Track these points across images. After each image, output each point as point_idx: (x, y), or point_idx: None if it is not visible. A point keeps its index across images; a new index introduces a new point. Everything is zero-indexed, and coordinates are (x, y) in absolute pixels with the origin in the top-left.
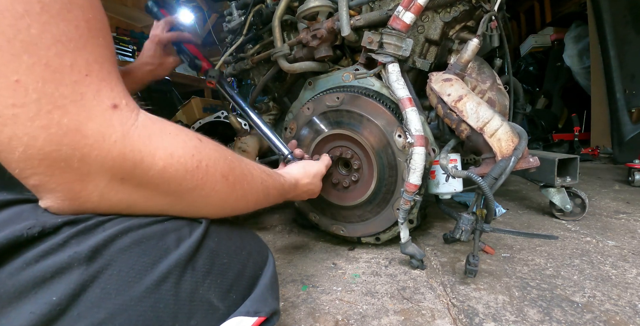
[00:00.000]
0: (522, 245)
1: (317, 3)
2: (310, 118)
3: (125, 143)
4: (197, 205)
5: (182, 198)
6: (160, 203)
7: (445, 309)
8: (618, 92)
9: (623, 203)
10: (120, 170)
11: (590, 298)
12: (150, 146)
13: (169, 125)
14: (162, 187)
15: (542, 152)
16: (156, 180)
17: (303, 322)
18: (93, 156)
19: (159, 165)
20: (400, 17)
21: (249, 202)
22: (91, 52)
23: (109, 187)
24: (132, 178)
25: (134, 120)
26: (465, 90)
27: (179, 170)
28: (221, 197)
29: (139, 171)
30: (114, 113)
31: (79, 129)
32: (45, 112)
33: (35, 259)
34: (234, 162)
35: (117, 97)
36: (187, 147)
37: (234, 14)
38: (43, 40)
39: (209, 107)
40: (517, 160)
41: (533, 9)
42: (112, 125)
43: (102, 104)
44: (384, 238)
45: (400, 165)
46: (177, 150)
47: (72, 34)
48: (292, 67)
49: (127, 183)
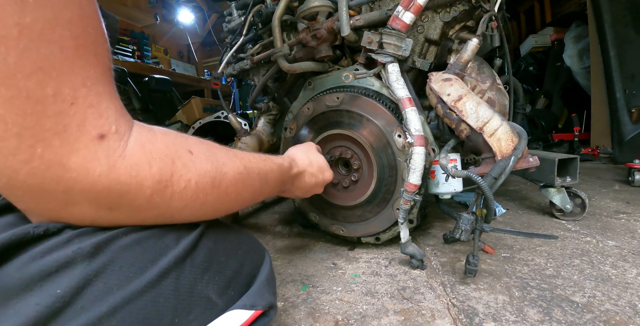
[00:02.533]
0: (522, 245)
1: (316, 3)
2: (310, 118)
3: (110, 176)
4: (190, 218)
5: (173, 217)
6: (152, 222)
7: (445, 309)
8: (618, 92)
9: (623, 203)
10: (106, 202)
11: (590, 298)
12: (137, 177)
13: (160, 145)
14: (151, 211)
15: (542, 152)
16: (144, 207)
17: (303, 322)
18: (77, 189)
19: (146, 193)
20: (400, 17)
21: (245, 199)
22: (78, 75)
23: (97, 214)
24: (119, 207)
25: (121, 149)
26: (464, 90)
27: (166, 195)
28: (213, 206)
29: (126, 201)
30: (99, 145)
31: (62, 163)
32: (26, 146)
33: (40, 254)
34: (226, 165)
35: (105, 125)
36: (175, 169)
37: (234, 14)
38: (22, 69)
39: (209, 107)
40: (517, 160)
41: (533, 9)
42: (96, 158)
43: (87, 135)
44: (384, 238)
45: (400, 165)
46: (165, 175)
47: (56, 57)
48: (292, 67)
49: (115, 211)
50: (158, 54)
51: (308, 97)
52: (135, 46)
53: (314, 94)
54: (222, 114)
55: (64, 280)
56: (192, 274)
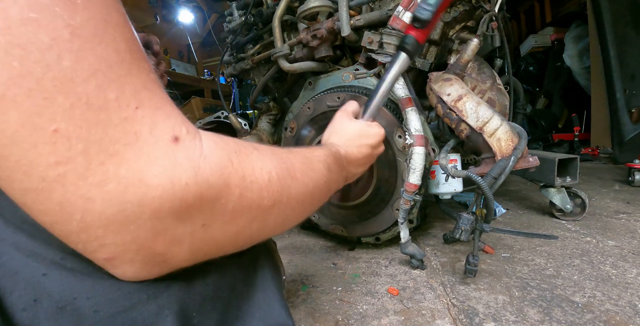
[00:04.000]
0: (522, 245)
1: (317, 3)
2: (310, 118)
3: (198, 182)
4: (280, 219)
5: (267, 218)
6: (249, 233)
7: (445, 309)
8: (618, 92)
9: (623, 203)
10: (200, 217)
11: (590, 298)
12: (223, 176)
13: (230, 141)
14: (245, 215)
15: (542, 152)
16: (237, 211)
17: (303, 322)
18: (166, 210)
19: (235, 193)
20: (400, 17)
21: (321, 189)
22: (137, 78)
23: (194, 238)
24: (214, 220)
25: (199, 149)
26: (464, 90)
27: (254, 191)
28: (298, 198)
29: (219, 209)
30: (177, 149)
31: (142, 179)
32: (97, 165)
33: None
34: (289, 157)
35: (176, 126)
36: (253, 163)
37: (235, 14)
38: (79, 72)
39: (209, 107)
40: (517, 160)
41: (533, 9)
42: (179, 164)
43: (162, 140)
44: (384, 238)
45: (400, 165)
46: (247, 170)
47: (113, 58)
48: (292, 67)
49: (211, 228)
50: None
51: (308, 97)
52: None
53: (315, 94)
54: (222, 114)
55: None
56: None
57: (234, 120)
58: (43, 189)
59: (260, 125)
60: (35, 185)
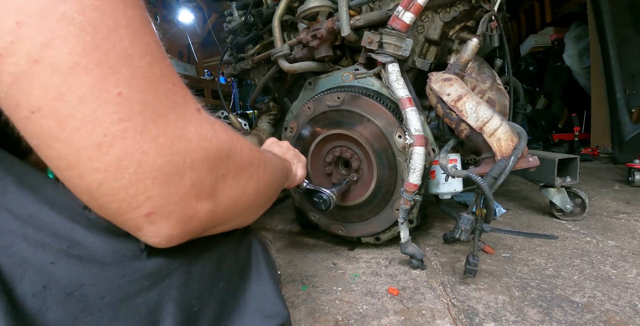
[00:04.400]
0: (522, 245)
1: (317, 3)
2: (310, 118)
3: (217, 137)
4: (264, 181)
5: (259, 176)
6: (252, 188)
7: (445, 309)
8: (618, 92)
9: (623, 203)
10: (222, 165)
11: (590, 298)
12: (228, 137)
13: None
14: (248, 169)
15: (542, 152)
16: (242, 165)
17: (303, 322)
18: (200, 158)
19: (238, 150)
20: (400, 17)
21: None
22: (168, 64)
23: (216, 187)
24: (229, 171)
25: (212, 118)
26: (464, 89)
27: (245, 152)
28: (267, 169)
29: (232, 160)
30: (200, 115)
31: (183, 135)
32: (152, 123)
33: None
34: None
35: (195, 102)
36: (237, 137)
37: (235, 14)
38: (135, 51)
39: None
40: (517, 160)
41: (533, 9)
42: (204, 125)
43: (190, 108)
44: (384, 238)
45: (400, 165)
46: (233, 139)
47: (153, 46)
48: (292, 67)
49: (227, 177)
50: None
51: (308, 97)
52: None
53: (315, 94)
54: (222, 114)
55: None
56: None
57: (234, 120)
58: (104, 144)
59: (260, 125)
60: (96, 141)
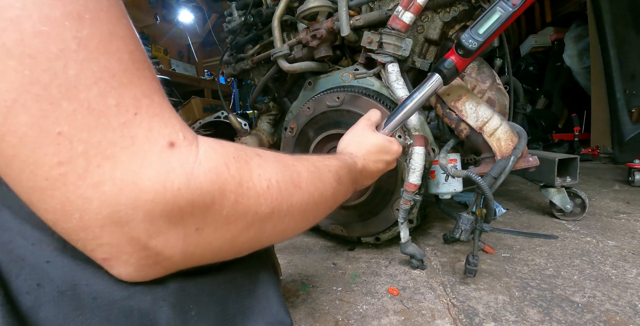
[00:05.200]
0: (522, 245)
1: (316, 3)
2: (310, 118)
3: (191, 187)
4: (280, 228)
5: (264, 227)
6: (245, 239)
7: (445, 309)
8: (618, 92)
9: (623, 203)
10: (192, 221)
11: (590, 298)
12: (218, 182)
13: (229, 147)
14: (240, 221)
15: (542, 152)
16: (232, 217)
17: (303, 322)
18: (158, 212)
19: (231, 199)
20: (400, 17)
21: (328, 200)
22: (138, 86)
23: (187, 241)
24: (208, 225)
25: (195, 155)
26: (464, 89)
27: (251, 198)
28: (301, 208)
29: (213, 214)
30: (172, 154)
31: (136, 182)
32: (95, 166)
33: None
34: (296, 165)
35: (172, 133)
36: (251, 169)
37: (234, 15)
38: (82, 80)
39: (209, 107)
40: (517, 160)
41: (533, 9)
42: (172, 169)
43: (157, 145)
44: (384, 238)
45: (400, 165)
46: (244, 176)
47: (116, 68)
48: (292, 67)
49: (204, 231)
50: (158, 54)
51: (308, 97)
52: None
53: (314, 94)
54: (222, 114)
55: None
56: None
57: (234, 120)
58: (46, 188)
59: (260, 125)
60: (39, 184)
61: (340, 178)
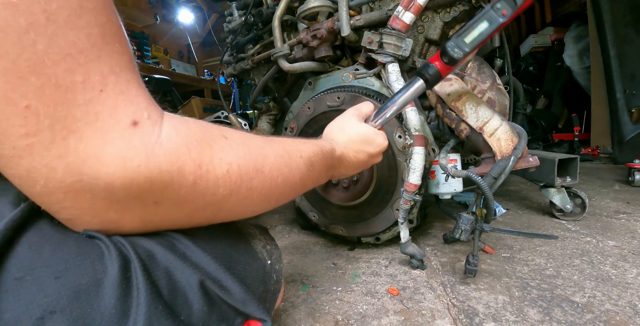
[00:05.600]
0: (522, 245)
1: (317, 3)
2: (310, 118)
3: (150, 166)
4: (238, 208)
5: (222, 206)
6: (203, 216)
7: (445, 309)
8: (618, 92)
9: (623, 203)
10: (150, 196)
11: (590, 298)
12: (177, 163)
13: (194, 129)
14: (198, 201)
15: (542, 152)
16: (190, 196)
17: (303, 322)
18: (118, 185)
19: (189, 180)
20: (400, 17)
21: (295, 185)
22: (106, 62)
23: (145, 212)
24: (165, 200)
25: (157, 135)
26: (464, 89)
27: (210, 180)
28: (261, 192)
29: (170, 192)
30: (134, 133)
31: (98, 156)
32: (60, 139)
33: None
34: (264, 149)
35: (137, 111)
36: (213, 153)
37: (235, 14)
38: (51, 56)
39: (209, 107)
40: (517, 160)
41: (533, 9)
42: (133, 146)
43: (120, 123)
44: (384, 238)
45: (400, 165)
46: (204, 159)
47: (84, 43)
48: (292, 67)
49: (162, 205)
50: (158, 54)
51: (308, 97)
52: (135, 46)
53: (315, 94)
54: (222, 114)
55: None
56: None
57: (234, 120)
58: (13, 156)
59: (260, 125)
60: (7, 152)
61: (312, 164)
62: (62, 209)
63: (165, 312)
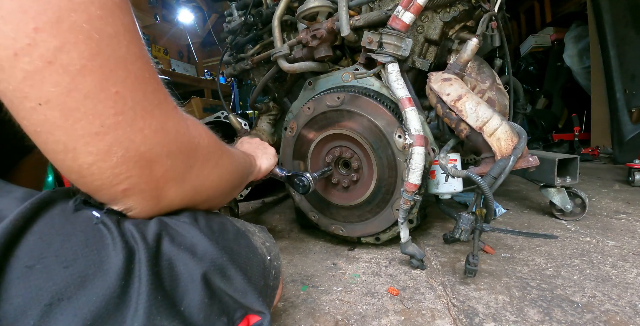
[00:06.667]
0: (522, 245)
1: (316, 3)
2: (310, 118)
3: (188, 132)
4: (224, 168)
5: (219, 163)
6: (215, 175)
7: (445, 309)
8: (618, 92)
9: (623, 203)
10: (191, 156)
11: (590, 298)
12: (195, 130)
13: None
14: (212, 159)
15: (542, 152)
16: (205, 156)
17: (303, 322)
18: (174, 149)
19: (204, 141)
20: (400, 17)
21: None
22: (154, 66)
23: (185, 177)
24: (196, 162)
25: (184, 114)
26: (464, 89)
27: (212, 143)
28: (233, 160)
29: (199, 152)
30: (177, 112)
31: (164, 128)
32: (140, 117)
33: None
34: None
35: (172, 99)
36: (198, 123)
37: (234, 15)
38: (130, 56)
39: (209, 107)
40: (517, 160)
41: (533, 9)
42: (180, 120)
43: (171, 105)
44: (383, 238)
45: (400, 165)
46: (199, 127)
47: (143, 51)
48: (292, 67)
49: (194, 168)
50: (158, 54)
51: (308, 97)
52: None
53: (314, 94)
54: (222, 114)
55: None
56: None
57: (234, 120)
58: (99, 133)
59: (260, 125)
60: (95, 129)
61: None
62: (127, 178)
63: (165, 302)
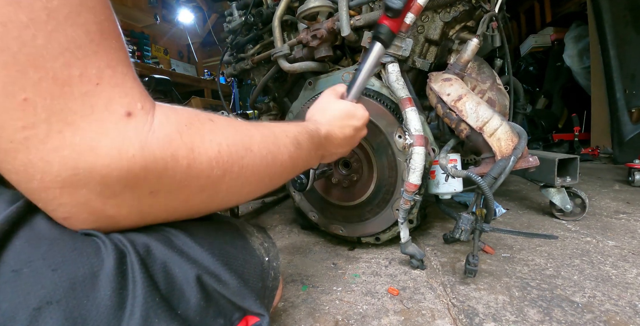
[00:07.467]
0: (522, 245)
1: (317, 3)
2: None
3: (144, 155)
4: (234, 189)
5: (218, 188)
6: (199, 200)
7: (445, 309)
8: (618, 92)
9: (623, 203)
10: (146, 185)
11: (590, 298)
12: (170, 148)
13: (183, 114)
14: (193, 185)
15: (542, 152)
16: (185, 181)
17: (303, 322)
18: (114, 177)
19: (183, 165)
20: None
21: (285, 163)
22: (103, 57)
23: (142, 203)
24: (161, 189)
25: (149, 124)
26: (464, 89)
27: (203, 162)
28: (253, 170)
29: (166, 179)
30: (128, 123)
31: (93, 148)
32: (56, 132)
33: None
34: (250, 130)
35: (131, 103)
36: (203, 135)
37: (235, 15)
38: (50, 50)
39: (209, 107)
40: (517, 160)
41: (533, 9)
42: (127, 137)
43: (114, 114)
44: (383, 238)
45: (400, 165)
46: (195, 142)
47: (82, 39)
48: (292, 67)
49: (159, 194)
50: (158, 54)
51: (308, 97)
52: (135, 46)
53: (315, 94)
54: (222, 114)
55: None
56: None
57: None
58: (10, 150)
59: None
60: (4, 146)
61: (299, 142)
62: (59, 206)
63: (162, 305)
